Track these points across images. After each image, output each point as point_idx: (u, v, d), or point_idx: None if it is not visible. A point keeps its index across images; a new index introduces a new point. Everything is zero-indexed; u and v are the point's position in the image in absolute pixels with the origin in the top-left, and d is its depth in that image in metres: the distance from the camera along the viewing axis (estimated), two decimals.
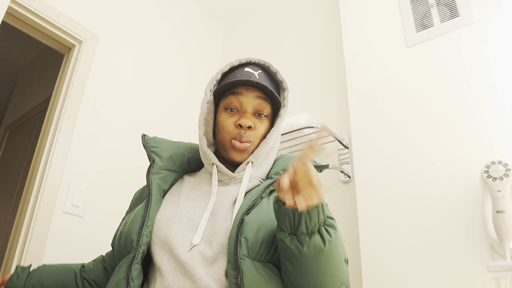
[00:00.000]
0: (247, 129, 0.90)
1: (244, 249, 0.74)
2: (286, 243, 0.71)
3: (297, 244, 0.70)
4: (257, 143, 0.92)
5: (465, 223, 1.19)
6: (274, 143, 0.96)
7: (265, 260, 0.77)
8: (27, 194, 1.53)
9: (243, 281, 0.71)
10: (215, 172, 0.91)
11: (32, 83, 3.00)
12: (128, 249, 0.81)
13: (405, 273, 1.24)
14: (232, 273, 0.73)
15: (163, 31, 2.21)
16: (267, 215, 0.80)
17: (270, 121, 0.95)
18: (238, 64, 0.96)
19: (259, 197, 0.83)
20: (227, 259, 0.75)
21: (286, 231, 0.72)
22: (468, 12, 1.41)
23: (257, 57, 0.96)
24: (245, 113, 0.91)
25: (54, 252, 1.47)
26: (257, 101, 0.91)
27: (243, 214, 0.79)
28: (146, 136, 1.01)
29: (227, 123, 0.91)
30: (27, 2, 1.62)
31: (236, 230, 0.76)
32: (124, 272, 0.78)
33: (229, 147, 0.91)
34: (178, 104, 2.15)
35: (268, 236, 0.78)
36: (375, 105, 1.53)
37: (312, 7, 2.18)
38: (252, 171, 0.92)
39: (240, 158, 0.91)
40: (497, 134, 1.22)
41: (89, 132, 1.71)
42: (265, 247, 0.77)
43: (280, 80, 0.96)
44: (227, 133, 0.91)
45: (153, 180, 0.90)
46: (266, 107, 0.92)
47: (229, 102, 0.92)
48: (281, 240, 0.72)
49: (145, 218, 0.82)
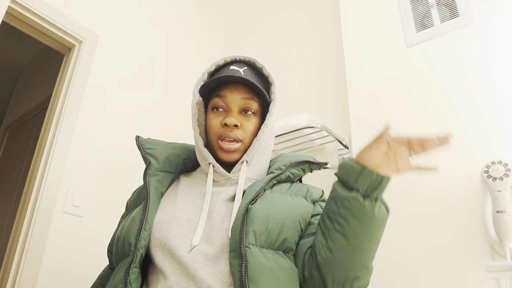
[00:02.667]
0: (233, 127, 0.89)
1: (251, 237, 0.74)
2: (360, 202, 0.73)
3: (371, 203, 0.73)
4: (248, 142, 0.92)
5: (465, 223, 1.19)
6: (267, 141, 0.95)
7: (274, 247, 0.77)
8: (27, 194, 1.53)
9: (247, 269, 0.71)
10: (211, 172, 0.90)
11: (32, 83, 3.00)
12: (126, 252, 0.81)
13: (404, 273, 1.24)
14: (235, 262, 0.72)
15: (163, 31, 2.21)
16: (273, 205, 0.81)
17: (260, 117, 0.94)
18: (223, 63, 0.96)
19: (262, 189, 0.83)
20: (230, 249, 0.75)
21: (361, 191, 0.73)
22: (468, 12, 1.41)
23: (242, 54, 0.96)
24: (231, 112, 0.90)
25: (54, 252, 1.47)
26: (242, 99, 0.91)
27: (247, 203, 0.79)
28: (140, 137, 1.00)
29: (214, 123, 0.91)
30: (27, 2, 1.62)
31: (241, 219, 0.76)
32: (122, 276, 0.77)
33: (217, 148, 0.91)
34: (178, 104, 2.15)
35: (276, 225, 0.78)
36: (375, 105, 1.53)
37: (312, 7, 2.18)
38: (248, 172, 0.91)
39: (229, 159, 0.90)
40: (497, 134, 1.22)
41: (89, 132, 1.71)
42: (274, 235, 0.77)
43: (266, 75, 0.96)
44: (214, 134, 0.91)
45: (150, 183, 0.89)
46: (252, 104, 0.91)
47: (214, 102, 0.92)
48: (352, 199, 0.73)
49: (143, 221, 0.82)
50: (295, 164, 0.93)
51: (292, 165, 0.92)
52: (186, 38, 2.34)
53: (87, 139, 1.69)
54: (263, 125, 0.92)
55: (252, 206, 0.79)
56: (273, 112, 0.93)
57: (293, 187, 0.91)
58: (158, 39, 2.16)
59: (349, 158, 0.77)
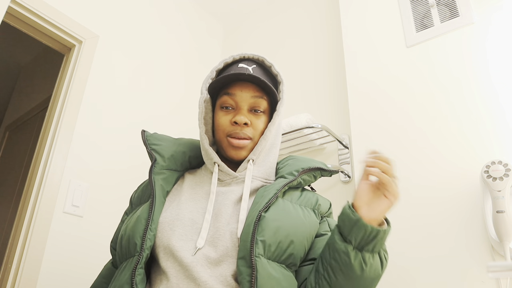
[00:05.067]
0: (243, 125, 0.88)
1: (260, 247, 0.74)
2: (350, 257, 0.72)
3: (361, 262, 0.72)
4: (257, 140, 0.91)
5: (465, 223, 1.19)
6: (274, 139, 0.95)
7: (280, 261, 0.77)
8: (27, 194, 1.53)
9: (257, 280, 0.71)
10: (216, 171, 0.89)
11: (32, 83, 3.00)
12: (131, 252, 0.79)
13: (404, 273, 1.24)
14: (246, 270, 0.72)
15: (163, 31, 2.21)
16: (285, 217, 0.80)
17: (268, 116, 0.94)
18: (232, 61, 0.95)
19: (275, 196, 0.82)
20: (238, 256, 0.74)
21: (354, 243, 0.72)
22: (468, 12, 1.41)
23: (250, 52, 0.95)
24: (241, 110, 0.90)
25: (54, 252, 1.47)
26: (252, 97, 0.90)
27: (260, 210, 0.78)
28: (146, 132, 0.98)
29: (223, 121, 0.90)
30: (27, 2, 1.62)
31: (252, 227, 0.75)
32: (127, 277, 0.76)
33: (227, 145, 0.90)
34: (178, 104, 2.15)
35: (285, 240, 0.77)
36: (375, 105, 1.53)
37: (312, 7, 2.18)
38: (254, 170, 0.90)
39: (238, 156, 0.89)
40: (497, 134, 1.22)
41: (89, 132, 1.71)
42: (282, 248, 0.77)
43: (275, 73, 0.95)
44: (223, 131, 0.90)
45: (156, 181, 0.88)
46: (262, 103, 0.91)
47: (223, 100, 0.91)
48: (343, 252, 0.73)
49: (149, 221, 0.80)
50: (307, 170, 0.91)
51: (304, 171, 0.91)
52: (186, 38, 2.34)
53: (87, 139, 1.69)
54: (270, 123, 0.91)
55: (265, 214, 0.78)
56: (280, 111, 0.92)
57: (303, 197, 0.90)
58: (158, 40, 2.16)
59: (349, 204, 0.76)
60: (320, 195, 0.95)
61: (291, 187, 0.90)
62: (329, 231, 0.89)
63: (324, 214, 0.92)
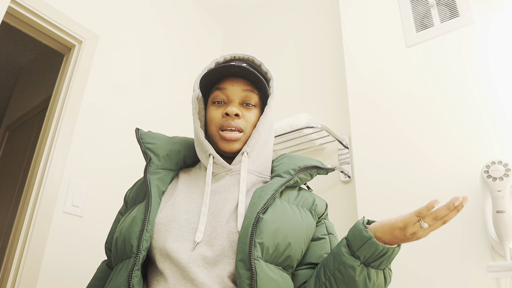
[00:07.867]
0: (234, 116, 0.89)
1: (258, 250, 0.74)
2: (355, 272, 0.73)
3: (365, 278, 0.73)
4: (249, 133, 0.92)
5: (465, 223, 1.19)
6: (267, 135, 0.95)
7: (277, 263, 0.77)
8: (27, 194, 1.53)
9: (256, 283, 0.71)
10: (211, 163, 0.89)
11: (32, 83, 3.00)
12: (127, 254, 0.79)
13: (404, 273, 1.24)
14: (245, 273, 0.72)
15: (163, 31, 2.21)
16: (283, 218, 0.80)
17: (259, 111, 0.95)
18: (223, 61, 0.98)
19: (273, 197, 0.82)
20: (237, 258, 0.74)
21: (361, 259, 0.73)
22: (468, 12, 1.41)
23: (241, 52, 0.99)
24: (232, 103, 0.91)
25: (54, 252, 1.47)
26: (243, 91, 0.92)
27: (259, 212, 0.78)
28: (140, 130, 0.98)
29: (215, 114, 0.91)
30: (27, 2, 1.62)
31: (251, 229, 0.75)
32: (124, 279, 0.75)
33: (219, 139, 0.90)
34: (178, 104, 2.15)
35: (283, 242, 0.77)
36: (375, 105, 1.53)
37: (312, 7, 2.18)
38: (249, 164, 0.90)
39: (230, 148, 0.90)
40: (497, 134, 1.22)
41: (89, 132, 1.71)
42: (280, 251, 0.77)
43: (265, 71, 0.98)
44: (215, 125, 0.91)
45: (151, 181, 0.87)
46: (253, 97, 0.93)
47: (215, 95, 0.93)
48: (349, 267, 0.73)
49: (145, 222, 0.80)
50: (304, 169, 0.92)
51: (301, 170, 0.91)
52: (186, 38, 2.34)
53: (87, 139, 1.69)
54: (262, 116, 0.93)
55: (263, 216, 0.78)
56: (271, 105, 0.94)
57: (301, 197, 0.90)
58: (158, 39, 2.16)
59: (363, 221, 0.76)
60: (316, 195, 0.95)
61: (288, 186, 0.90)
62: (326, 234, 0.89)
63: (320, 215, 0.92)
